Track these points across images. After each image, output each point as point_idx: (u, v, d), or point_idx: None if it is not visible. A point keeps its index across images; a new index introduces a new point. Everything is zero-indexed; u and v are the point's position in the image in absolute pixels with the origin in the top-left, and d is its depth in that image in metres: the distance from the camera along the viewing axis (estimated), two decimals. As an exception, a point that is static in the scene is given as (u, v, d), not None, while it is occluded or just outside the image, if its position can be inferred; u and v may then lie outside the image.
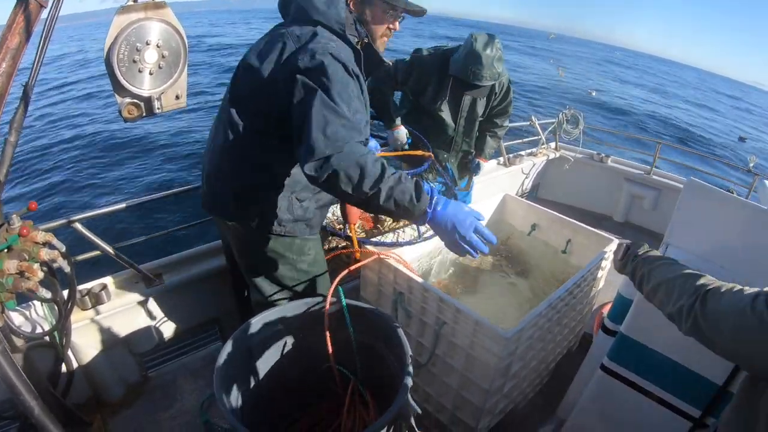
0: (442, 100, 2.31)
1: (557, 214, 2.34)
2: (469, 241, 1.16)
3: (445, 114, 2.34)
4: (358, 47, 1.36)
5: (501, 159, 3.91)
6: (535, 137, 4.25)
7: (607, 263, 2.16)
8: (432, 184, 1.32)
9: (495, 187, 2.59)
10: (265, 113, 1.32)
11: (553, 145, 4.38)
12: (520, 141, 4.39)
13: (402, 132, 2.32)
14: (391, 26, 1.42)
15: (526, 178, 4.17)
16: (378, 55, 1.42)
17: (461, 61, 2.13)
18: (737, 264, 1.48)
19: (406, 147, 2.34)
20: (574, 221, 2.28)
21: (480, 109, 2.39)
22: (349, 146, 1.11)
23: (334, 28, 1.28)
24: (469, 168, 2.69)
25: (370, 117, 2.03)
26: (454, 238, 1.17)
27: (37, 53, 1.19)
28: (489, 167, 3.81)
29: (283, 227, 1.44)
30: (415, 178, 1.18)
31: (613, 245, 2.11)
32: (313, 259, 1.58)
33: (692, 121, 23.34)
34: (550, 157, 4.27)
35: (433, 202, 1.16)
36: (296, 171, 1.40)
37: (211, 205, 1.50)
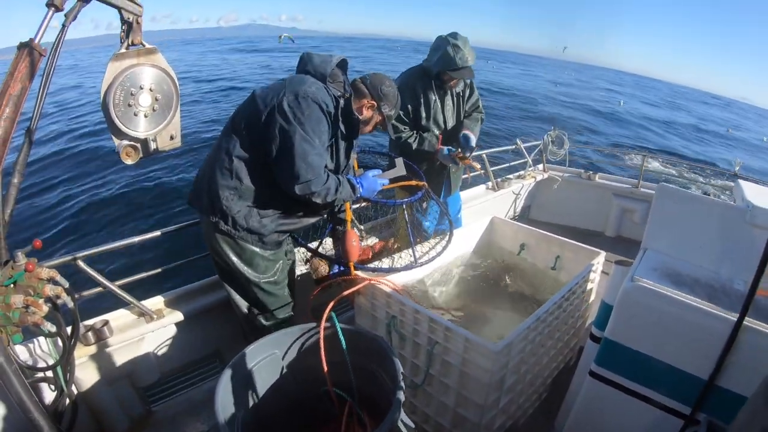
0: (433, 102, 2.49)
1: (544, 232, 2.41)
2: (376, 194, 1.93)
3: (438, 114, 2.52)
4: (338, 98, 1.71)
5: (489, 184, 4.02)
6: (522, 160, 4.38)
7: (596, 275, 2.22)
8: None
9: (485, 212, 2.67)
10: (253, 141, 1.63)
11: (540, 167, 4.51)
12: (508, 165, 4.52)
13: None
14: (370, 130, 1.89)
15: (516, 200, 4.27)
16: (353, 114, 1.75)
17: (443, 56, 2.33)
18: (716, 262, 1.54)
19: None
20: (561, 238, 2.35)
21: (462, 106, 2.62)
22: (319, 174, 1.60)
23: (318, 78, 1.68)
24: (462, 146, 2.52)
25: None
26: (372, 195, 1.92)
27: (37, 99, 1.27)
28: (478, 192, 3.93)
29: (237, 231, 1.70)
30: (347, 178, 1.79)
31: (600, 258, 2.18)
32: (261, 273, 1.81)
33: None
34: (538, 179, 4.38)
35: (358, 188, 1.83)
36: (263, 188, 1.68)
37: (193, 198, 1.79)
